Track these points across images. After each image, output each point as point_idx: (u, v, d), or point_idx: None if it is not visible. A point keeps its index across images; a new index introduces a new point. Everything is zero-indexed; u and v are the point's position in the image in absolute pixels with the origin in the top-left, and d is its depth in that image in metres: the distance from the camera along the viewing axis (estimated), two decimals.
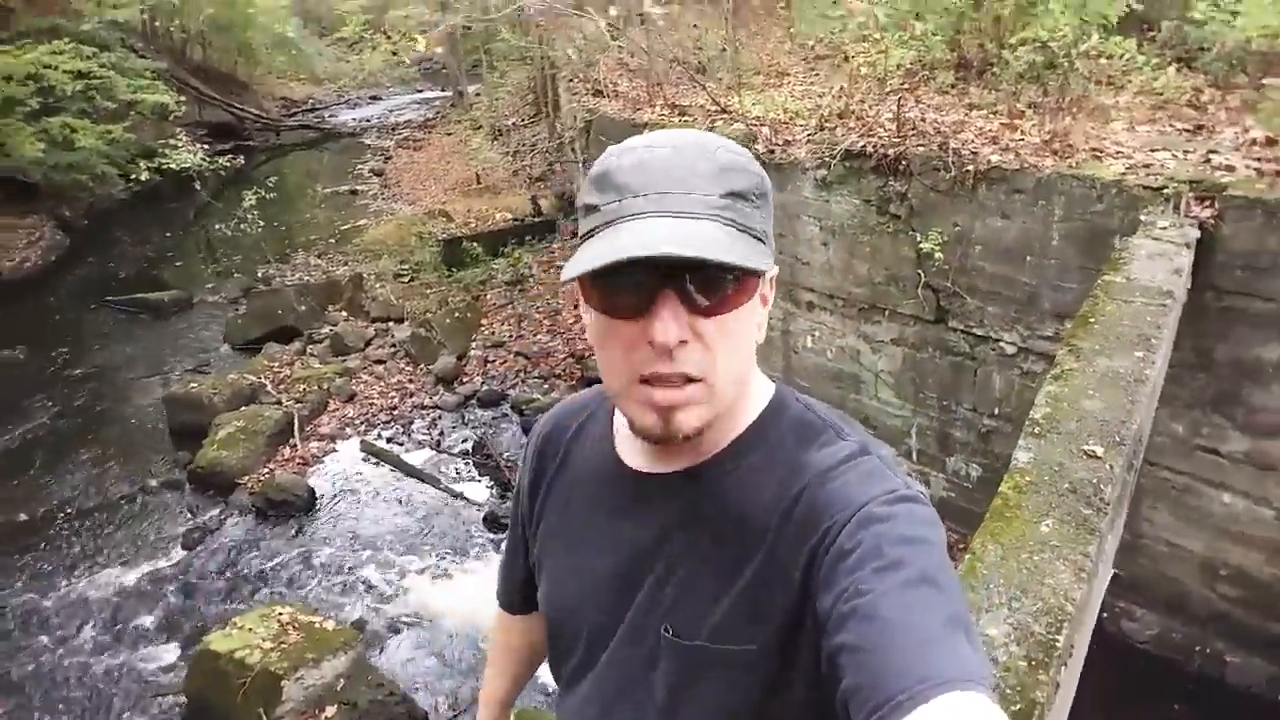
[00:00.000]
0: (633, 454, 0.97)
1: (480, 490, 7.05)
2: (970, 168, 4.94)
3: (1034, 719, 1.51)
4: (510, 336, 9.41)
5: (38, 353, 9.92)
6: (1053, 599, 1.80)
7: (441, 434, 7.89)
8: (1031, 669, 1.62)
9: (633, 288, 0.79)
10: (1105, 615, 4.70)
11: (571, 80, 9.44)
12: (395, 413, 8.24)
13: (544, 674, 1.29)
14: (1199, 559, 4.54)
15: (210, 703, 4.72)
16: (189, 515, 6.93)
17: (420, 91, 25.66)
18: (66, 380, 9.32)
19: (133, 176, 12.98)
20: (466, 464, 7.41)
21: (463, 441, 7.73)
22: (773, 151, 5.96)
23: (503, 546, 1.23)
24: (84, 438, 8.16)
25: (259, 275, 11.81)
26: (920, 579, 0.73)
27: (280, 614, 5.00)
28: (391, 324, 9.90)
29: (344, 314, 10.27)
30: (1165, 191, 4.16)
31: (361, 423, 8.10)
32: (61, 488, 7.37)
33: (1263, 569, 4.34)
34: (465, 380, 8.71)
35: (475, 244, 11.09)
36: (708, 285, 0.79)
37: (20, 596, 6.08)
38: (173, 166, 11.69)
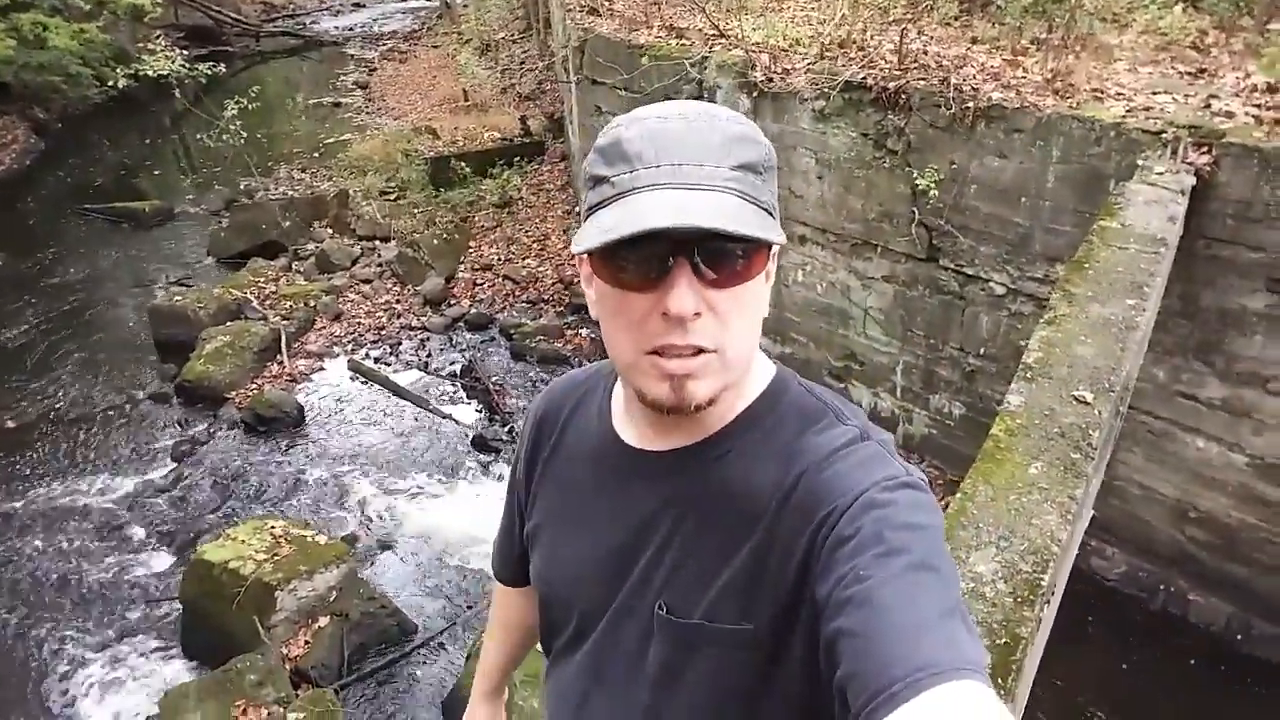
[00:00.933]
0: (630, 431, 0.97)
1: (468, 412, 7.11)
2: (971, 104, 4.89)
3: (1018, 652, 1.59)
4: (499, 260, 9.34)
5: (16, 258, 9.77)
6: (1039, 539, 1.88)
7: (429, 355, 7.90)
8: (1017, 605, 1.71)
9: (647, 260, 0.78)
10: (1076, 552, 4.88)
11: None
12: (383, 333, 8.23)
13: None
14: (1170, 501, 4.70)
15: (205, 610, 4.84)
16: (178, 428, 6.96)
17: (406, 1, 24.79)
18: (47, 288, 9.20)
19: (108, 82, 12.54)
20: (454, 386, 7.46)
21: (450, 364, 7.76)
22: (771, 80, 5.86)
23: (499, 519, 1.25)
24: (68, 346, 8.12)
25: (241, 187, 11.59)
26: (920, 565, 0.73)
27: (273, 527, 5.09)
28: (378, 243, 9.80)
29: (330, 231, 10.14)
30: (1164, 136, 4.15)
31: (349, 341, 8.09)
32: (47, 395, 7.36)
33: (1230, 513, 4.50)
34: (453, 302, 8.69)
35: (463, 163, 10.90)
36: (721, 258, 0.79)
37: (11, 501, 6.14)
38: (149, 73, 11.29)
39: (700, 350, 0.80)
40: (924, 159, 5.12)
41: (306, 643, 4.70)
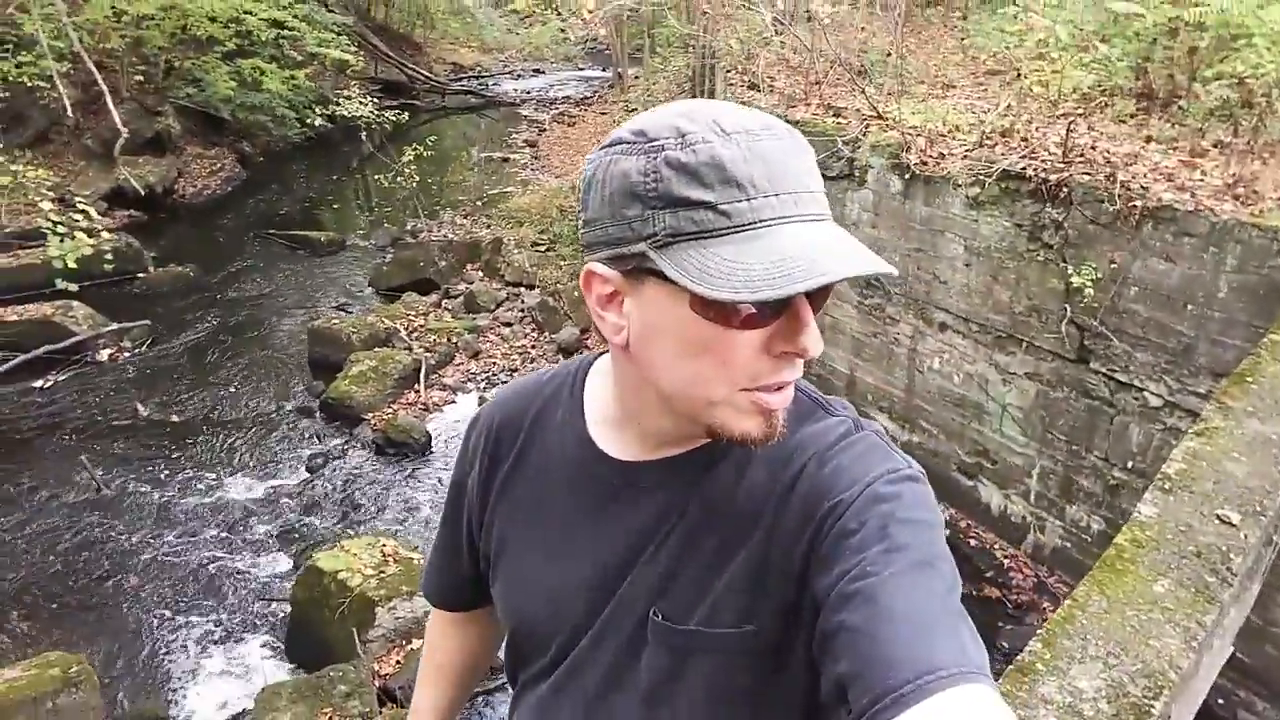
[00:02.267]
0: (613, 442, 0.92)
1: None
2: (1138, 203, 4.65)
3: None
4: None
5: (205, 272, 10.76)
6: (1155, 663, 1.70)
7: None
8: None
9: (781, 299, 0.70)
10: (1221, 700, 4.37)
11: (730, 71, 9.40)
12: (515, 374, 8.50)
13: None
14: None
15: (310, 616, 5.03)
16: (316, 440, 7.38)
17: (581, 70, 26.09)
18: (226, 301, 10.07)
19: (307, 121, 13.82)
20: None
21: None
22: (925, 163, 5.79)
23: (431, 543, 1.16)
24: (234, 355, 8.82)
25: (408, 227, 12.38)
26: (924, 563, 0.72)
27: (384, 545, 5.27)
28: (523, 289, 10.19)
29: (480, 274, 10.64)
30: None
31: (483, 379, 8.40)
32: (209, 398, 8.00)
33: None
34: (584, 352, 8.88)
35: None
36: (827, 289, 0.75)
37: (159, 491, 6.65)
38: (344, 114, 12.38)
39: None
40: (1081, 255, 4.89)
41: (398, 662, 4.80)
